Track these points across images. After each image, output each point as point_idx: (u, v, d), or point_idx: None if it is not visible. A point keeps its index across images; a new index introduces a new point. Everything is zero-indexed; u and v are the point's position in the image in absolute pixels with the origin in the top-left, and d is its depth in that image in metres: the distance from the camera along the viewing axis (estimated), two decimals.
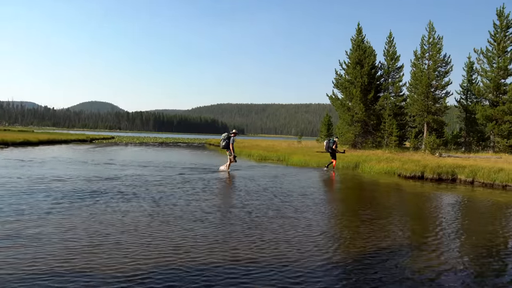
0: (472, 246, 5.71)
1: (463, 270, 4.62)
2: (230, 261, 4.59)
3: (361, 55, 31.65)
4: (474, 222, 7.52)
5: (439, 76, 31.30)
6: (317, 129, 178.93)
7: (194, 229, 5.95)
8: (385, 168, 16.76)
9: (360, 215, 7.61)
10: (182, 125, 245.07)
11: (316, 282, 4.08)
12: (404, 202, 9.76)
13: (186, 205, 7.75)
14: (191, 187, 10.24)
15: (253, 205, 8.09)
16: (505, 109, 28.82)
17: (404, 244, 5.66)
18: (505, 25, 29.57)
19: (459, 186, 13.27)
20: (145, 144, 41.92)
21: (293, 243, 5.44)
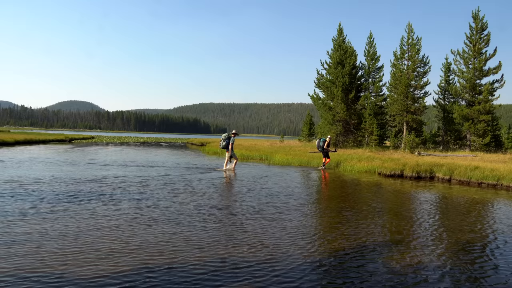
0: (449, 242, 5.87)
1: (441, 266, 4.76)
2: (212, 262, 4.60)
3: (342, 55, 32.00)
4: (451, 218, 7.73)
5: (418, 76, 31.94)
6: (299, 128, 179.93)
7: (177, 232, 5.93)
8: (366, 167, 17.01)
9: (342, 214, 7.72)
10: (164, 124, 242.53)
11: (296, 281, 4.14)
12: (384, 200, 9.95)
13: (168, 207, 7.71)
14: (174, 188, 10.19)
15: (237, 206, 8.11)
16: (480, 109, 29.65)
17: (384, 241, 5.78)
18: (480, 28, 30.40)
19: (437, 184, 13.58)
20: (126, 144, 41.35)
21: (275, 243, 5.49)
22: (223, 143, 15.37)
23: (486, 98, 29.85)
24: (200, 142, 45.59)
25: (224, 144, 15.34)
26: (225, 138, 15.41)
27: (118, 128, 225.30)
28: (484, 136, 29.99)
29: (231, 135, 15.54)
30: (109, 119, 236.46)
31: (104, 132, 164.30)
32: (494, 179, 13.07)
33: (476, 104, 30.30)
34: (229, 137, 15.37)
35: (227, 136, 15.45)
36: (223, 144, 15.37)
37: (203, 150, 31.06)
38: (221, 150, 27.50)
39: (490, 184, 13.08)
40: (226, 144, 15.30)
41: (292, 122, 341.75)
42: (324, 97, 33.46)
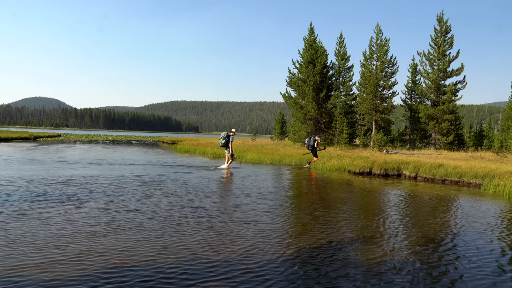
0: (415, 237, 6.09)
1: (408, 259, 4.92)
2: (183, 262, 4.58)
3: (313, 54, 32.40)
4: (417, 214, 8.01)
5: (386, 76, 32.79)
6: (271, 127, 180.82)
7: (147, 231, 5.86)
8: (336, 165, 17.34)
9: (312, 212, 7.84)
10: (134, 122, 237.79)
11: (269, 277, 4.18)
12: (354, 197, 10.18)
13: (139, 206, 7.60)
14: (146, 187, 10.04)
15: (211, 205, 8.09)
16: (444, 109, 30.81)
17: (353, 238, 5.92)
18: (444, 30, 31.55)
19: (404, 181, 14.02)
20: (95, 142, 40.29)
21: (247, 241, 5.52)
22: (222, 141, 15.62)
23: (449, 99, 31.04)
24: (171, 140, 45.04)
25: (223, 142, 15.59)
26: (225, 136, 15.68)
27: (87, 126, 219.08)
28: (448, 135, 31.20)
29: (230, 133, 15.79)
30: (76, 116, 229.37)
31: (71, 130, 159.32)
32: (456, 176, 13.62)
33: (441, 104, 31.46)
34: (228, 136, 15.64)
35: (226, 135, 15.71)
36: (222, 142, 15.61)
37: (174, 148, 30.73)
38: (193, 148, 27.34)
39: (453, 181, 13.62)
40: (225, 143, 15.55)
41: (265, 121, 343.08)
42: (295, 96, 33.78)
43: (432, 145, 32.50)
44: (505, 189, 11.42)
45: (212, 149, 25.72)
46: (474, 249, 5.55)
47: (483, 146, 33.44)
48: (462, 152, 27.51)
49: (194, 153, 25.87)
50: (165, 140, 46.41)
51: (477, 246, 5.68)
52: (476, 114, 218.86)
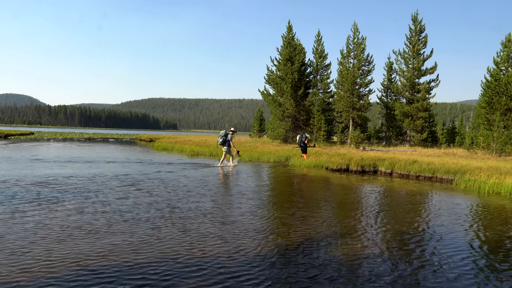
0: (392, 233, 6.22)
1: (385, 256, 5.03)
2: (161, 261, 4.54)
3: (291, 52, 32.57)
4: (393, 210, 8.18)
5: (363, 74, 33.30)
6: (250, 124, 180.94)
7: (122, 233, 5.77)
8: (314, 161, 17.51)
9: (290, 208, 7.89)
10: (111, 120, 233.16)
11: (245, 279, 4.19)
12: (331, 194, 10.30)
13: (116, 207, 7.48)
14: (122, 187, 9.88)
15: (189, 204, 8.03)
16: (419, 106, 31.55)
17: (331, 234, 6.00)
18: (419, 30, 32.28)
19: (380, 177, 14.28)
20: (70, 140, 39.34)
21: (225, 239, 5.51)
22: (220, 140, 15.92)
23: (424, 96, 31.81)
24: (149, 138, 44.42)
25: (221, 140, 15.88)
26: (223, 135, 15.91)
27: (61, 123, 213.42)
28: (422, 132, 32.00)
29: (229, 132, 16.07)
30: (50, 114, 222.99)
31: (45, 127, 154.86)
32: (430, 172, 13.98)
33: (415, 102, 32.20)
34: (226, 134, 15.92)
35: (224, 133, 15.94)
36: (220, 141, 15.91)
37: (152, 146, 30.34)
38: (171, 146, 27.06)
39: (427, 177, 13.97)
40: (223, 141, 15.88)
41: (243, 118, 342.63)
42: (274, 93, 33.90)
43: (407, 142, 33.24)
44: (475, 184, 11.81)
45: (190, 146, 25.54)
46: (448, 242, 5.72)
47: (455, 142, 34.50)
48: (435, 149, 28.27)
49: (172, 151, 25.62)
50: (143, 138, 45.76)
51: (450, 240, 5.85)
52: (449, 111, 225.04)
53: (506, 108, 24.83)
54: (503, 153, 22.12)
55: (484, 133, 24.21)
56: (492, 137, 22.92)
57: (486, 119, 26.37)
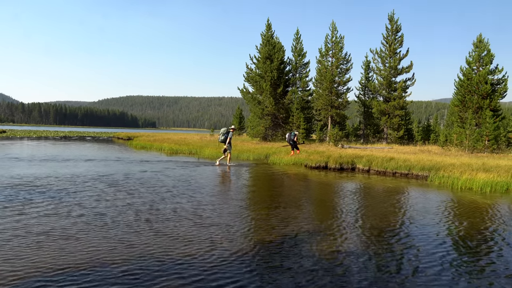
0: (369, 229, 6.34)
1: (362, 251, 5.12)
2: (136, 260, 4.49)
3: (270, 50, 32.63)
4: (370, 206, 8.33)
5: (341, 73, 33.71)
6: (229, 122, 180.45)
7: (102, 232, 5.68)
8: (293, 159, 17.63)
9: (270, 206, 7.94)
10: (88, 118, 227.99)
11: (223, 277, 4.19)
12: (310, 191, 10.40)
13: (92, 207, 7.34)
14: (98, 185, 9.70)
15: (167, 203, 7.97)
16: (395, 104, 32.18)
17: (310, 231, 6.06)
18: (395, 29, 32.88)
19: (358, 174, 14.51)
20: (44, 138, 38.31)
21: (205, 237, 5.50)
22: (222, 137, 16.09)
23: (400, 95, 32.45)
24: (127, 136, 43.73)
25: (223, 138, 16.08)
26: (224, 132, 16.12)
27: (35, 121, 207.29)
28: (399, 130, 32.65)
29: (230, 129, 16.30)
30: (24, 111, 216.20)
31: (18, 125, 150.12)
32: (406, 169, 14.29)
33: (392, 100, 32.82)
34: (227, 132, 16.13)
35: (226, 131, 16.16)
36: (222, 138, 16.09)
37: (130, 144, 29.89)
38: (149, 144, 26.73)
39: (403, 174, 14.28)
40: (225, 139, 16.04)
41: (223, 116, 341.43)
42: (253, 91, 33.92)
43: (384, 140, 33.87)
44: (448, 181, 12.16)
45: (169, 145, 25.29)
46: (422, 237, 5.88)
47: (430, 140, 35.33)
48: (411, 146, 28.92)
49: (150, 149, 25.32)
50: (121, 136, 45.01)
51: (425, 234, 6.01)
52: (424, 110, 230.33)
53: (478, 107, 25.62)
54: (475, 150, 22.82)
55: (457, 130, 24.92)
56: (464, 134, 23.60)
57: (459, 117, 27.13)
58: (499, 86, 26.14)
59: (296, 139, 18.94)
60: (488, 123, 23.30)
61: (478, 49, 26.43)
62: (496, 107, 25.84)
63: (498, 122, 24.55)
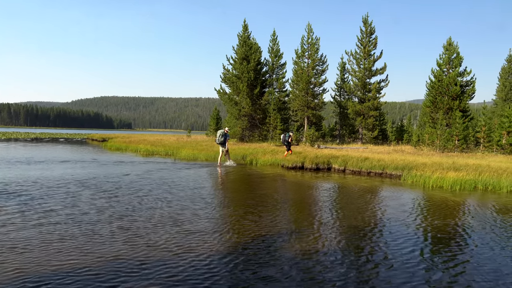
0: (345, 228, 6.44)
1: (338, 250, 5.20)
2: (108, 262, 4.42)
3: (247, 51, 32.68)
4: (346, 206, 8.47)
5: (317, 74, 34.10)
6: (207, 123, 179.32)
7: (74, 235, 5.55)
8: (270, 160, 17.72)
9: (247, 206, 7.96)
10: (61, 119, 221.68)
11: (199, 276, 4.18)
12: (287, 191, 10.47)
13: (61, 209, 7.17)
14: (70, 188, 9.48)
15: (143, 203, 7.86)
16: (370, 105, 32.81)
17: (287, 231, 6.11)
18: (369, 32, 33.53)
19: (334, 174, 14.71)
20: (14, 140, 37.07)
21: (182, 238, 5.46)
22: (221, 139, 16.58)
23: (374, 96, 33.12)
24: (101, 137, 42.84)
25: (222, 140, 16.58)
26: (222, 134, 16.59)
27: (4, 122, 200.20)
28: (373, 130, 33.31)
29: (225, 131, 16.77)
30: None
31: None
32: (380, 168, 14.60)
33: (367, 101, 33.45)
34: (225, 134, 16.60)
35: (223, 133, 16.62)
36: (221, 140, 16.57)
37: (105, 146, 29.29)
38: (125, 146, 26.29)
39: (377, 173, 14.58)
40: (224, 140, 16.58)
41: (200, 117, 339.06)
42: (230, 92, 33.88)
43: (360, 140, 34.46)
44: (420, 179, 12.50)
45: (145, 146, 24.94)
46: (397, 235, 6.03)
47: (403, 140, 36.23)
48: (385, 146, 29.56)
49: (126, 150, 24.89)
50: (95, 138, 44.04)
51: (399, 232, 6.17)
52: (398, 110, 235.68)
53: (448, 107, 26.43)
54: (445, 150, 23.55)
55: (429, 130, 25.63)
56: (436, 134, 24.31)
57: (430, 117, 27.93)
58: (468, 87, 27.06)
59: (290, 140, 19.28)
60: (458, 123, 24.08)
61: (448, 52, 27.28)
62: (465, 108, 26.73)
63: (467, 122, 25.42)
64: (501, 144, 23.06)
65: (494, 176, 11.96)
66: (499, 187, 11.36)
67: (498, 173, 12.28)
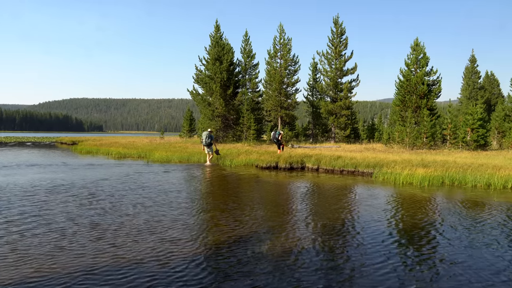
0: (319, 226, 6.53)
1: (312, 249, 5.26)
2: (84, 267, 4.31)
3: (219, 51, 32.57)
4: (319, 204, 8.59)
5: (290, 74, 34.40)
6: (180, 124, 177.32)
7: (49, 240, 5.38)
8: (244, 160, 17.73)
9: (221, 208, 7.94)
10: (27, 122, 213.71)
11: (174, 280, 4.14)
12: (261, 191, 10.51)
13: (36, 212, 6.93)
14: (38, 192, 9.17)
15: (116, 206, 7.70)
16: (341, 105, 33.38)
17: (262, 231, 6.14)
18: (340, 32, 34.11)
19: (307, 173, 14.88)
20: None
21: (157, 241, 5.39)
22: (208, 141, 17.24)
23: (346, 95, 33.71)
24: (71, 140, 41.58)
25: (209, 141, 17.26)
26: (208, 135, 17.27)
27: None
28: (346, 129, 33.90)
29: (210, 133, 17.43)
30: None
31: None
32: (352, 166, 14.88)
33: (338, 100, 34.01)
34: (210, 136, 17.28)
35: (208, 134, 17.30)
36: (208, 141, 17.24)
37: (75, 150, 28.47)
38: (96, 149, 25.65)
39: (350, 171, 14.85)
40: (210, 141, 17.31)
41: (173, 118, 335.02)
42: (203, 92, 33.67)
43: (332, 139, 35.00)
44: (391, 176, 12.82)
45: (117, 149, 24.42)
46: (369, 230, 6.17)
47: (375, 138, 37.06)
48: (357, 144, 30.14)
49: (97, 153, 24.30)
50: (64, 141, 42.74)
51: (372, 228, 6.31)
52: (369, 109, 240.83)
53: (416, 106, 27.23)
54: (414, 147, 24.26)
55: (398, 128, 26.32)
56: (405, 132, 25.00)
57: (400, 116, 28.67)
58: (434, 86, 27.97)
59: (280, 137, 19.70)
60: (426, 121, 24.85)
61: (415, 52, 28.09)
62: (432, 106, 27.61)
63: (434, 120, 26.27)
64: (466, 140, 23.97)
65: (460, 172, 12.42)
66: (464, 182, 11.81)
67: (463, 169, 12.76)
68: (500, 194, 10.21)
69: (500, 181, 11.41)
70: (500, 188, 11.21)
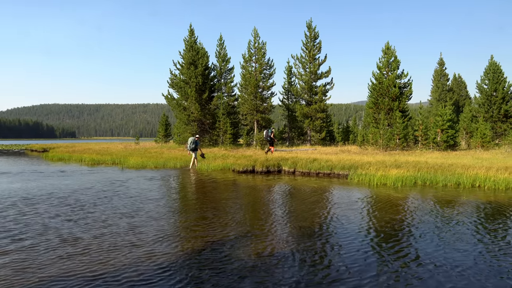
0: (296, 229, 6.58)
1: (290, 253, 5.29)
2: (60, 274, 4.20)
3: (194, 55, 32.43)
4: (296, 207, 8.65)
5: (265, 78, 34.57)
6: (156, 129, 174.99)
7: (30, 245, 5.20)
8: (221, 164, 17.67)
9: (198, 213, 7.88)
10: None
11: (160, 282, 4.09)
12: (238, 196, 10.50)
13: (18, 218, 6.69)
14: (12, 199, 8.85)
15: (94, 210, 7.52)
16: (317, 108, 33.79)
17: (238, 236, 6.13)
18: (313, 36, 34.58)
19: (284, 176, 14.97)
20: None
21: (133, 247, 5.30)
22: (193, 146, 17.93)
23: (320, 98, 34.16)
24: (42, 147, 40.32)
25: (194, 146, 17.95)
26: (193, 141, 17.96)
27: None
28: (321, 132, 34.33)
29: (196, 139, 18.12)
30: None
31: None
32: (328, 169, 15.07)
33: (313, 104, 34.42)
34: (195, 142, 17.98)
35: (194, 140, 17.99)
36: (192, 147, 17.93)
37: (46, 157, 27.62)
38: (68, 156, 24.97)
39: (326, 173, 15.04)
40: (195, 147, 17.99)
41: (149, 123, 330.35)
42: (178, 97, 33.41)
43: (308, 141, 35.34)
44: (366, 178, 13.07)
45: (90, 155, 23.86)
46: (346, 231, 6.27)
47: (349, 140, 37.70)
48: (333, 147, 30.58)
49: (69, 160, 23.66)
50: (35, 148, 41.40)
51: (347, 228, 6.41)
52: (344, 112, 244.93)
53: (389, 108, 27.88)
54: (388, 148, 24.82)
55: (372, 130, 26.88)
56: (379, 134, 25.55)
57: (373, 118, 29.28)
58: (406, 89, 28.71)
59: (272, 136, 19.92)
60: (398, 123, 25.48)
61: (386, 56, 28.79)
62: (404, 108, 28.34)
63: (406, 122, 26.96)
64: (436, 141, 24.72)
65: (431, 172, 12.80)
66: (435, 182, 12.17)
67: (434, 169, 13.16)
68: (469, 193, 10.58)
69: (469, 180, 11.83)
70: (469, 186, 11.62)
